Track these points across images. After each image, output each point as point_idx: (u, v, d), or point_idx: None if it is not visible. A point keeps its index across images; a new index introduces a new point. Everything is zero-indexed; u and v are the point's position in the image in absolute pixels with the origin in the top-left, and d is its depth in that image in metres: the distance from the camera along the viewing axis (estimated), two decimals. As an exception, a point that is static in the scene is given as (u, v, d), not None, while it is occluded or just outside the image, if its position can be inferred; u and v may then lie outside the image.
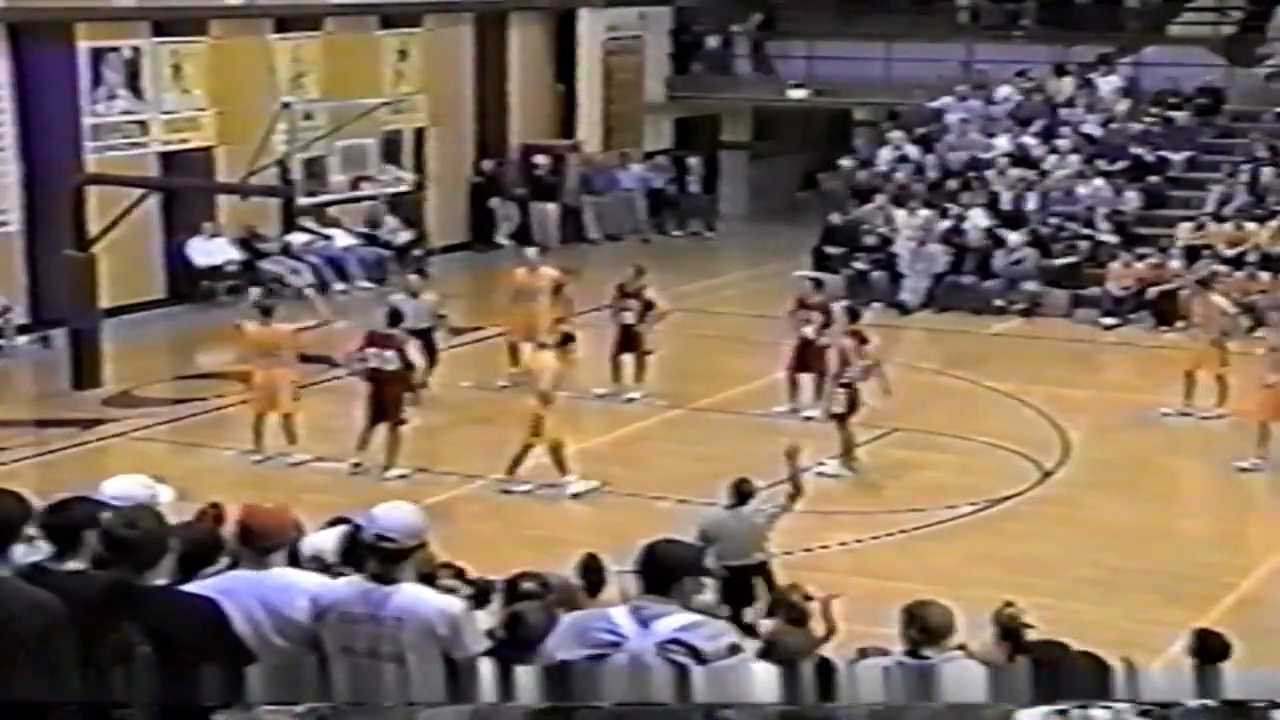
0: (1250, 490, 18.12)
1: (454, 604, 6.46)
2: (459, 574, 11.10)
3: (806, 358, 20.07)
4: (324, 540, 8.80)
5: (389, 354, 18.20)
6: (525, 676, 5.56)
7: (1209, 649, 9.92)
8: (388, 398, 18.17)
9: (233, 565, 6.91)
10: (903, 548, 16.14)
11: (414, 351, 18.86)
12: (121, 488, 7.53)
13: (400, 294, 20.55)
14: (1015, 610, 10.21)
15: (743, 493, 13.46)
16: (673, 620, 5.88)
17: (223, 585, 6.49)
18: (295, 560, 7.28)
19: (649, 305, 21.38)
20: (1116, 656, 8.79)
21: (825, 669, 7.21)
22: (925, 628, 7.67)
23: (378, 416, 18.27)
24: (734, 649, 5.86)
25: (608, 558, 10.67)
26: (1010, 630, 10.04)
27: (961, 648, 10.04)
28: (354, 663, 6.22)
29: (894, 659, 7.81)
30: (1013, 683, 5.44)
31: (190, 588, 6.49)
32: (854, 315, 19.34)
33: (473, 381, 21.88)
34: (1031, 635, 10.02)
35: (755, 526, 13.35)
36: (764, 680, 5.52)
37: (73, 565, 6.28)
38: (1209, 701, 5.01)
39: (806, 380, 20.10)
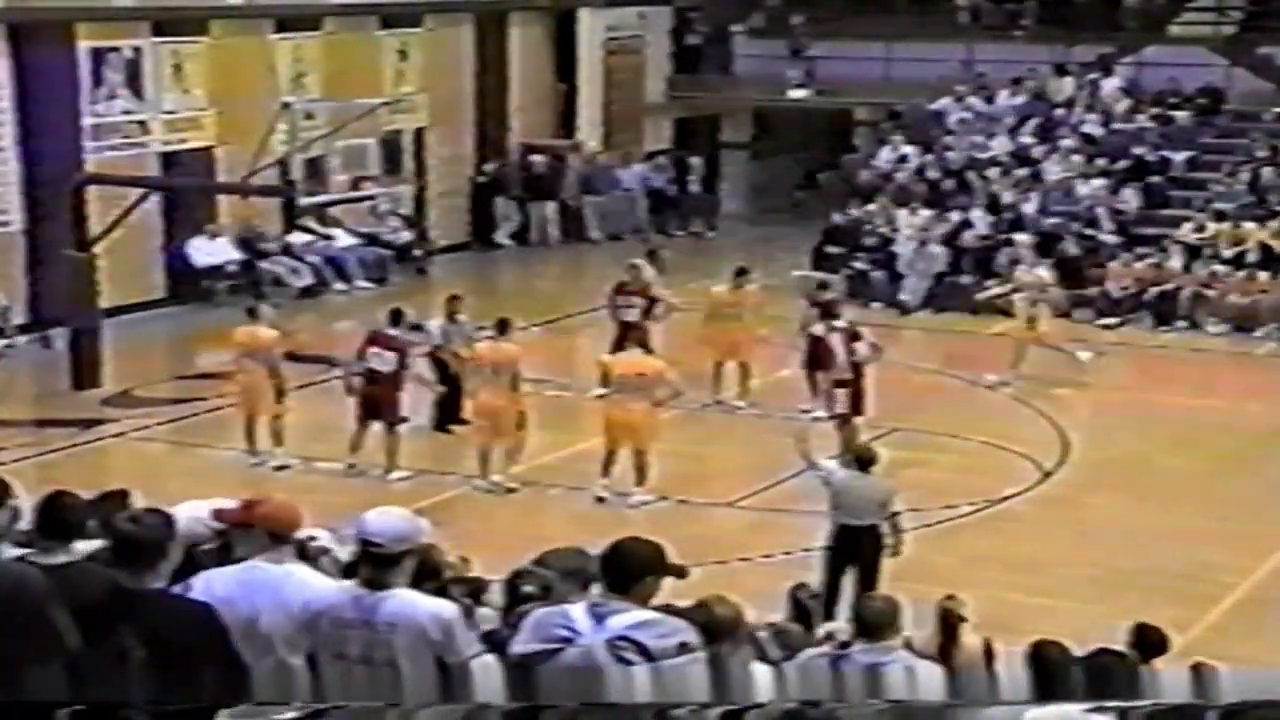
0: (1251, 489, 18.13)
1: (447, 608, 6.46)
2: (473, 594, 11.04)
3: (818, 356, 19.89)
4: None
5: (389, 355, 18.15)
6: (482, 672, 5.61)
7: (1149, 642, 9.96)
8: (381, 398, 18.13)
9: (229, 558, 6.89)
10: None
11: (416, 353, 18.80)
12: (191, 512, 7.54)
13: (438, 319, 20.03)
14: (954, 604, 10.27)
15: (863, 460, 14.24)
16: (626, 617, 5.92)
17: (244, 580, 6.52)
18: (305, 556, 7.29)
19: (653, 302, 21.32)
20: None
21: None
22: (861, 622, 7.67)
23: (369, 415, 18.23)
24: (684, 647, 5.88)
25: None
26: (944, 622, 10.09)
27: (908, 644, 10.06)
28: (347, 669, 6.21)
29: (821, 653, 7.79)
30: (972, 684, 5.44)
31: (208, 578, 6.51)
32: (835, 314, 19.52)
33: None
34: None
35: (876, 492, 14.01)
36: (700, 679, 5.56)
37: (61, 559, 6.32)
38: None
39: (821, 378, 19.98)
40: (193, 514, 7.44)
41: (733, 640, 7.49)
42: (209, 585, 6.49)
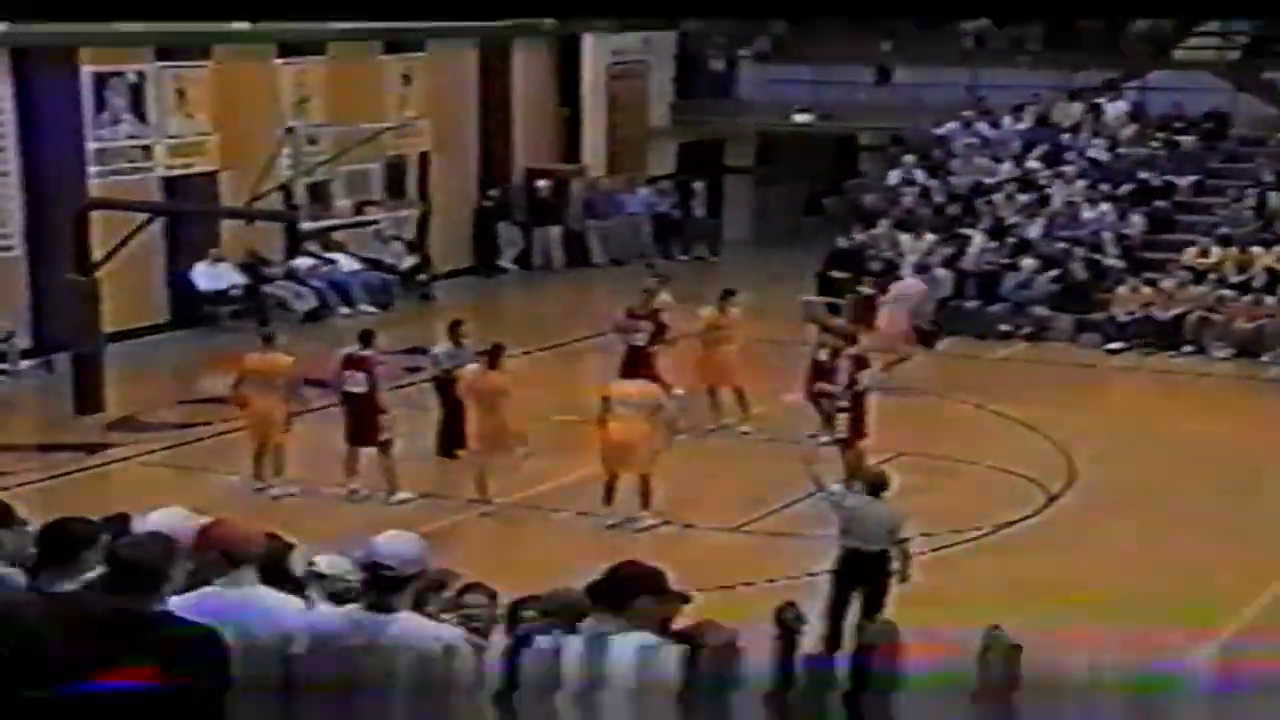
0: (1257, 514, 18.07)
1: (451, 633, 6.41)
2: (492, 595, 10.96)
3: (819, 381, 19.86)
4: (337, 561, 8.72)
5: (359, 376, 18.18)
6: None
7: None
8: (361, 421, 18.16)
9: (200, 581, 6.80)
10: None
11: (385, 374, 18.77)
12: (163, 519, 7.47)
13: (444, 344, 19.94)
14: (1001, 634, 10.20)
15: (876, 485, 14.11)
16: (624, 649, 5.95)
17: (201, 607, 6.39)
18: (275, 580, 7.18)
19: (661, 328, 21.26)
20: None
21: None
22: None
23: (354, 439, 18.28)
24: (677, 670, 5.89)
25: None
26: (999, 657, 10.02)
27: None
28: (350, 692, 6.15)
29: None
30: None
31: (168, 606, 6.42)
32: (850, 339, 19.55)
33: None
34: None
35: (886, 517, 13.89)
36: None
37: (68, 586, 6.27)
38: None
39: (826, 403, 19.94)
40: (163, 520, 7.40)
41: (728, 665, 7.48)
42: None
